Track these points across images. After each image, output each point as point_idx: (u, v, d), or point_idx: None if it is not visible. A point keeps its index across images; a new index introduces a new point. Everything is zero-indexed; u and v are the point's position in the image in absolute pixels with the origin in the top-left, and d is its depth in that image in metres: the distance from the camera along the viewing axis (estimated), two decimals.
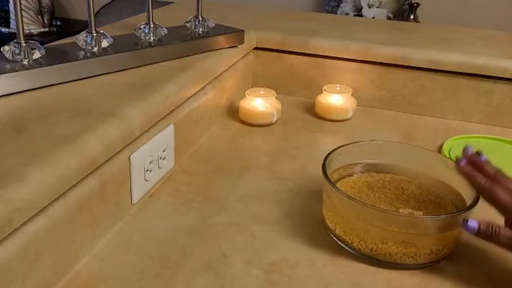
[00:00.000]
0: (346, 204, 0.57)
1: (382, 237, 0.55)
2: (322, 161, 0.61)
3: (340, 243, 0.58)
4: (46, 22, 2.16)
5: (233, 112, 0.94)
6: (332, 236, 0.60)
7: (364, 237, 0.56)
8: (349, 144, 0.67)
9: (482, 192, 0.54)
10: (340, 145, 0.66)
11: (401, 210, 0.60)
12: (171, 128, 0.70)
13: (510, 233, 0.51)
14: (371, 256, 0.56)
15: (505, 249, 0.52)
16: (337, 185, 0.61)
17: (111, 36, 0.74)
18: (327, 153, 0.63)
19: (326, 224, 0.61)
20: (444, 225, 0.55)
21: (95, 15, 0.72)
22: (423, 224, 0.55)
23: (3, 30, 2.15)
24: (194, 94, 0.77)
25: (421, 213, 0.59)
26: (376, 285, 0.54)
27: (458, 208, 0.59)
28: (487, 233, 0.51)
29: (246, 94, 0.91)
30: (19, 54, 0.63)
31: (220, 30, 0.89)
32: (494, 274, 0.56)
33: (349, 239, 0.57)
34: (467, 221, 0.52)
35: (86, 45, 0.72)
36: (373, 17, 1.85)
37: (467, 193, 0.58)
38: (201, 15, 0.87)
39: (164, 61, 0.78)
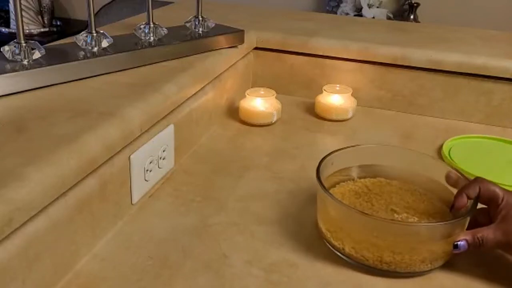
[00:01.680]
0: (341, 211, 0.56)
1: (379, 245, 0.54)
2: (316, 166, 0.60)
3: (336, 252, 0.57)
4: (46, 22, 2.16)
5: (233, 112, 0.94)
6: (328, 244, 0.58)
7: (359, 245, 0.55)
8: (344, 148, 0.65)
9: (481, 193, 0.56)
10: (336, 149, 0.64)
11: (396, 216, 0.59)
12: (171, 128, 0.70)
13: (491, 235, 0.53)
14: (367, 265, 0.55)
15: (497, 250, 0.55)
16: (332, 191, 0.60)
17: (111, 36, 0.74)
18: (327, 153, 0.63)
19: (321, 232, 0.60)
20: (441, 232, 0.54)
21: (95, 15, 0.72)
22: (418, 231, 0.55)
23: (3, 30, 2.15)
24: (194, 94, 0.77)
25: (417, 219, 0.59)
26: (376, 286, 0.54)
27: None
28: (475, 244, 0.53)
29: (246, 94, 0.91)
30: (19, 54, 0.63)
31: (220, 30, 0.89)
32: (494, 275, 0.56)
33: (346, 248, 0.56)
34: (456, 244, 0.54)
35: (86, 45, 0.72)
36: (373, 17, 1.85)
37: None
38: (201, 15, 0.87)
39: (164, 61, 0.78)
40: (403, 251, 0.53)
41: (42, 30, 2.15)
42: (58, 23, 2.26)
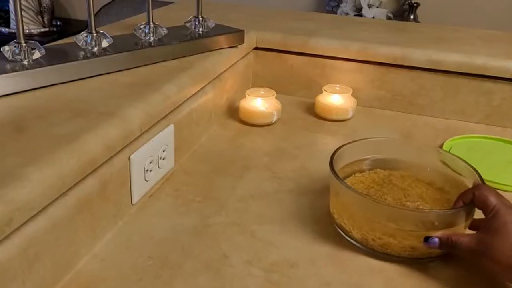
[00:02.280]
0: (354, 200, 0.57)
1: (390, 232, 0.56)
2: (329, 158, 0.61)
3: (349, 239, 0.59)
4: (46, 22, 2.16)
5: (233, 112, 0.94)
6: (341, 232, 0.60)
7: (372, 232, 0.56)
8: (356, 141, 0.67)
9: (475, 199, 0.56)
10: (345, 143, 0.66)
11: (408, 205, 0.60)
12: (171, 128, 0.70)
13: (466, 240, 0.53)
14: (377, 251, 0.57)
15: (467, 256, 0.55)
16: (348, 179, 0.62)
17: (111, 36, 0.74)
18: (327, 153, 0.63)
19: (333, 220, 0.61)
20: (451, 219, 0.55)
21: (95, 15, 0.72)
22: (430, 218, 0.56)
23: (3, 30, 2.15)
24: (194, 94, 0.77)
25: (428, 207, 0.60)
26: (376, 285, 0.54)
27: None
28: (447, 244, 0.54)
29: (246, 94, 0.91)
30: (19, 54, 0.63)
31: (220, 30, 0.89)
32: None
33: (359, 234, 0.58)
34: (428, 238, 0.54)
35: (86, 45, 0.72)
36: (373, 17, 1.85)
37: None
38: (201, 15, 0.87)
39: (164, 61, 0.78)
40: (398, 235, 0.55)
41: (42, 30, 2.15)
42: (58, 23, 2.26)
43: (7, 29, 2.14)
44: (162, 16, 1.06)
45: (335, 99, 0.94)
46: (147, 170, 0.65)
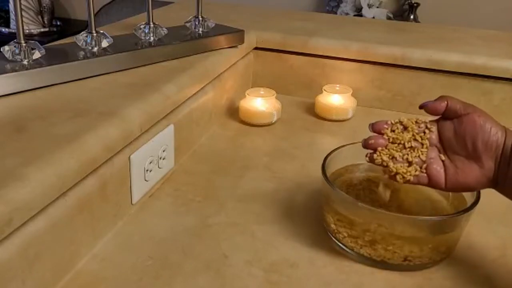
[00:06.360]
0: (345, 205, 0.57)
1: (381, 239, 0.55)
2: (322, 162, 0.61)
3: (340, 244, 0.58)
4: (46, 22, 2.16)
5: (233, 112, 0.94)
6: (332, 237, 0.59)
7: (364, 239, 0.56)
8: (349, 144, 0.66)
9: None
10: (340, 145, 0.65)
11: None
12: (171, 128, 0.70)
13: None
14: (371, 258, 0.56)
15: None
16: (336, 185, 0.61)
17: (111, 36, 0.74)
18: (327, 153, 0.63)
19: (325, 225, 0.61)
20: (444, 226, 0.55)
21: (95, 15, 0.72)
22: (422, 225, 0.55)
23: (3, 30, 2.15)
24: (194, 94, 0.77)
25: (421, 214, 0.59)
26: (376, 285, 0.54)
27: (458, 208, 0.59)
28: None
29: (246, 94, 0.91)
30: (19, 54, 0.64)
31: (220, 30, 0.89)
32: (493, 275, 0.56)
33: (350, 240, 0.57)
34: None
35: (86, 45, 0.72)
36: (373, 17, 1.85)
37: (468, 193, 0.58)
38: (201, 15, 0.87)
39: (164, 61, 0.78)
40: (388, 243, 0.54)
41: (42, 30, 2.15)
42: (58, 23, 2.26)
43: (7, 29, 2.14)
44: (162, 16, 1.06)
45: (335, 99, 0.94)
46: (147, 170, 0.65)
